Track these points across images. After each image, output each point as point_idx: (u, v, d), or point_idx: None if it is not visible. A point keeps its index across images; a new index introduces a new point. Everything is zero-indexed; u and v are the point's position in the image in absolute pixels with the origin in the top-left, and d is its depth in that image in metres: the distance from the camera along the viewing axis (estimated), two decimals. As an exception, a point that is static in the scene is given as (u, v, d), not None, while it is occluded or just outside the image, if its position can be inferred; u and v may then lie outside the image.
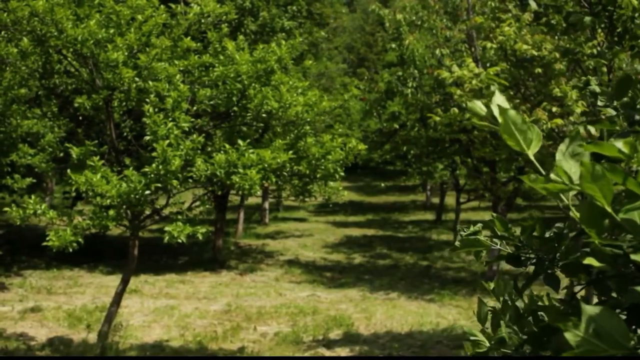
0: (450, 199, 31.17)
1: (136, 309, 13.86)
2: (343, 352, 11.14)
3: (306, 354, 11.05)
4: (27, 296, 14.95)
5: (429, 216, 30.90)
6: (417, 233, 26.38)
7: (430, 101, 16.90)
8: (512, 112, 1.35)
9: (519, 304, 2.60)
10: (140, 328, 12.45)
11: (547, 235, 2.27)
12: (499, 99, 1.41)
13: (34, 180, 14.64)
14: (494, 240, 2.22)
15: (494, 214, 2.17)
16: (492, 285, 2.76)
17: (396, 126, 19.87)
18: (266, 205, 28.28)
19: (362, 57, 44.53)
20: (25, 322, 12.72)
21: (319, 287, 16.92)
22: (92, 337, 11.64)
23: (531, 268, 2.64)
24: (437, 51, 15.29)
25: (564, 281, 2.43)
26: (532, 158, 1.41)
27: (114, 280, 17.03)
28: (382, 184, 22.65)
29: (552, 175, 1.33)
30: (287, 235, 25.47)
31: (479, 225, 2.35)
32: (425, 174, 22.72)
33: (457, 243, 2.26)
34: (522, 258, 2.12)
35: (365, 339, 11.86)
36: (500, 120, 1.36)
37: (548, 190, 1.33)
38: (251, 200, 29.45)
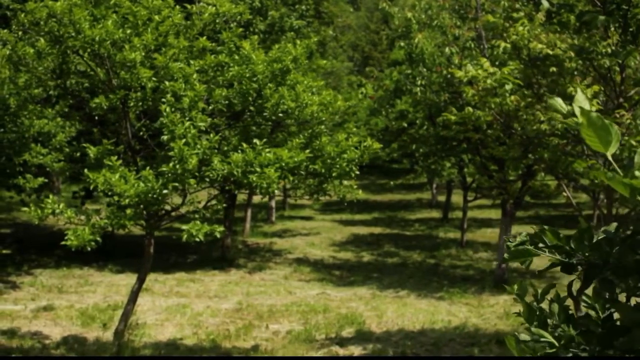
0: (455, 197, 31.20)
1: (148, 307, 13.92)
2: (356, 350, 11.19)
3: (320, 352, 11.10)
4: (38, 295, 15.02)
5: (435, 214, 30.93)
6: (424, 231, 26.41)
7: (439, 99, 16.93)
8: (593, 114, 1.39)
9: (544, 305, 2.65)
10: (154, 326, 12.52)
11: (596, 239, 2.29)
12: (581, 99, 1.45)
13: (46, 180, 14.75)
14: (542, 248, 2.25)
15: (547, 227, 2.20)
16: (515, 288, 2.80)
17: (404, 124, 19.89)
18: (272, 203, 28.33)
19: (366, 56, 44.56)
20: (38, 320, 12.79)
21: (329, 285, 16.96)
22: (106, 336, 11.72)
23: (539, 264, 2.69)
24: (447, 49, 15.32)
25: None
26: (610, 158, 1.46)
27: (124, 279, 17.12)
28: (392, 182, 22.68)
29: (637, 173, 1.37)
30: (294, 233, 25.52)
31: (525, 234, 2.39)
32: (433, 172, 22.75)
33: (505, 255, 2.30)
34: (574, 264, 2.16)
35: (378, 337, 11.91)
36: (581, 120, 1.40)
37: (632, 187, 1.37)
38: (257, 199, 29.48)
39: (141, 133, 9.84)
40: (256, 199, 28.51)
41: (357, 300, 15.14)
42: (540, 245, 2.23)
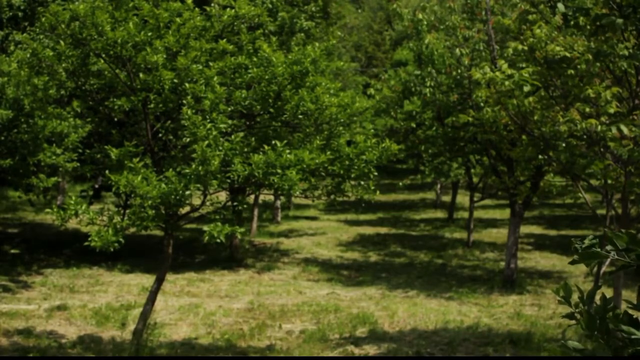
0: (459, 197, 31.27)
1: (161, 307, 13.97)
2: (372, 349, 11.27)
3: (335, 352, 11.18)
4: (50, 294, 15.09)
5: (440, 214, 31.00)
6: (430, 231, 26.48)
7: (448, 100, 17.01)
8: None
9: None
10: (168, 326, 12.59)
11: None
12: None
13: (60, 180, 14.82)
14: (611, 251, 2.32)
15: (624, 230, 2.27)
16: (561, 291, 2.86)
17: (413, 125, 19.99)
18: (278, 203, 28.40)
19: (370, 56, 44.62)
20: (53, 320, 12.86)
21: (338, 285, 17.04)
22: (122, 335, 11.79)
23: (546, 264, 2.75)
24: (457, 51, 15.40)
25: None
26: None
27: (134, 279, 17.19)
28: (401, 183, 22.84)
29: None
30: (300, 233, 25.59)
31: (590, 237, 2.46)
32: (441, 172, 22.85)
33: (575, 257, 2.37)
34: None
35: (392, 337, 11.99)
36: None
37: None
38: (261, 198, 29.48)
39: (160, 134, 9.91)
40: (260, 198, 28.53)
41: (367, 300, 15.21)
42: (609, 247, 2.30)
